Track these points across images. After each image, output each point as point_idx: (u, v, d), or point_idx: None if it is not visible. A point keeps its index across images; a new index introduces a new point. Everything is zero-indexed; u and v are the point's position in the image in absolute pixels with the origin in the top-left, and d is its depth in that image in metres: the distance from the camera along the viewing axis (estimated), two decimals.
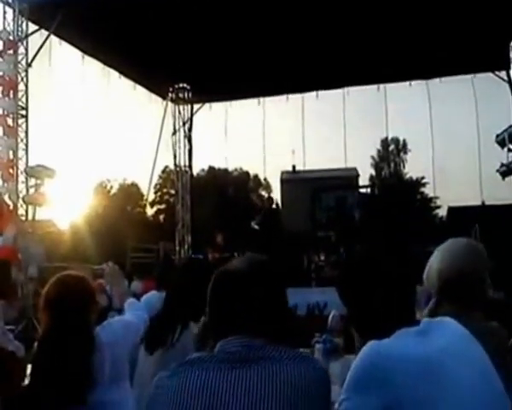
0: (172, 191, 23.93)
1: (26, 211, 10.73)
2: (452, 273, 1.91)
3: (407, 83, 15.90)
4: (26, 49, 10.74)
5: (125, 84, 14.83)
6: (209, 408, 1.31)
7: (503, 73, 14.96)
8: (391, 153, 42.33)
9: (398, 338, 1.53)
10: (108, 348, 2.45)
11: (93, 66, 13.48)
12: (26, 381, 2.36)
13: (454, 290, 1.90)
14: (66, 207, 16.65)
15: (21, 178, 10.57)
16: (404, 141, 41.15)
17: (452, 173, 27.17)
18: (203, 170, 37.71)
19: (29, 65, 10.71)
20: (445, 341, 1.52)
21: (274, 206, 14.08)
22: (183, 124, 17.19)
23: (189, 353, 2.01)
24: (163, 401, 1.37)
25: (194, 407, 1.33)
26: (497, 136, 10.76)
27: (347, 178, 28.71)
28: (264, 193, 42.68)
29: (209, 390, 1.33)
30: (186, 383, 1.36)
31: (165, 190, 38.67)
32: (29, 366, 2.97)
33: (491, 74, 15.16)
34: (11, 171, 10.20)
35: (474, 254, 1.95)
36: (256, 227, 12.56)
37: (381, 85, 16.50)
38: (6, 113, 10.14)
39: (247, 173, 41.68)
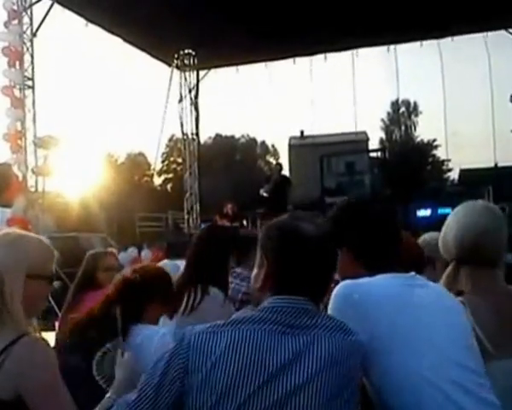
0: (180, 160, 24.00)
1: (36, 182, 10.90)
2: (471, 238, 1.91)
3: (418, 43, 15.74)
4: (31, 19, 10.79)
5: (130, 51, 14.84)
6: (255, 368, 1.37)
7: None
8: (401, 115, 42.05)
9: (373, 278, 1.64)
10: None
11: (97, 34, 13.50)
12: None
13: (474, 255, 1.90)
14: (74, 178, 16.78)
15: (30, 149, 10.70)
16: (415, 103, 40.91)
17: (465, 135, 27.18)
18: (210, 137, 37.74)
19: (34, 35, 10.75)
20: (424, 291, 1.65)
21: (283, 173, 14.07)
22: (190, 91, 17.18)
23: (210, 317, 2.05)
24: (203, 360, 1.38)
25: (241, 365, 1.36)
26: None
27: (357, 143, 28.62)
28: (272, 160, 42.68)
29: (258, 351, 1.38)
30: (236, 339, 1.39)
31: (172, 159, 38.75)
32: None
33: (504, 32, 14.99)
34: (19, 142, 10.32)
35: (493, 217, 1.95)
36: (265, 195, 12.62)
37: (392, 46, 16.37)
38: (13, 84, 10.21)
39: (254, 140, 41.66)
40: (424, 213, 12.37)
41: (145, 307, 2.36)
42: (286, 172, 17.54)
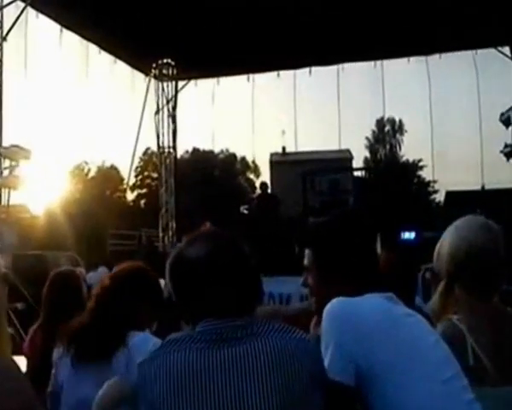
0: (154, 175, 23.86)
1: (0, 195, 10.69)
2: (462, 254, 1.87)
3: (405, 59, 15.94)
4: (1, 22, 10.67)
5: (106, 59, 14.76)
6: (198, 388, 1.34)
7: (506, 49, 15.02)
8: (386, 134, 42.53)
9: (365, 297, 1.61)
10: None
11: (72, 40, 13.41)
12: None
13: (465, 272, 1.87)
14: (41, 192, 16.54)
15: None
16: (401, 121, 41.35)
17: (452, 156, 27.39)
18: (187, 151, 37.63)
19: (4, 38, 10.63)
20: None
21: (269, 191, 14.13)
22: (167, 102, 17.11)
23: None
24: (149, 388, 1.39)
25: (182, 389, 1.35)
26: (502, 114, 10.86)
27: (341, 161, 28.81)
28: (252, 176, 42.73)
29: (198, 370, 1.36)
30: (170, 364, 1.38)
31: (146, 174, 38.56)
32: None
33: (493, 50, 15.24)
34: None
35: (488, 234, 1.91)
36: (245, 212, 12.58)
37: (378, 62, 16.54)
38: None
39: (233, 155, 41.64)
40: (408, 235, 12.40)
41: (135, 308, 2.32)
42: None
